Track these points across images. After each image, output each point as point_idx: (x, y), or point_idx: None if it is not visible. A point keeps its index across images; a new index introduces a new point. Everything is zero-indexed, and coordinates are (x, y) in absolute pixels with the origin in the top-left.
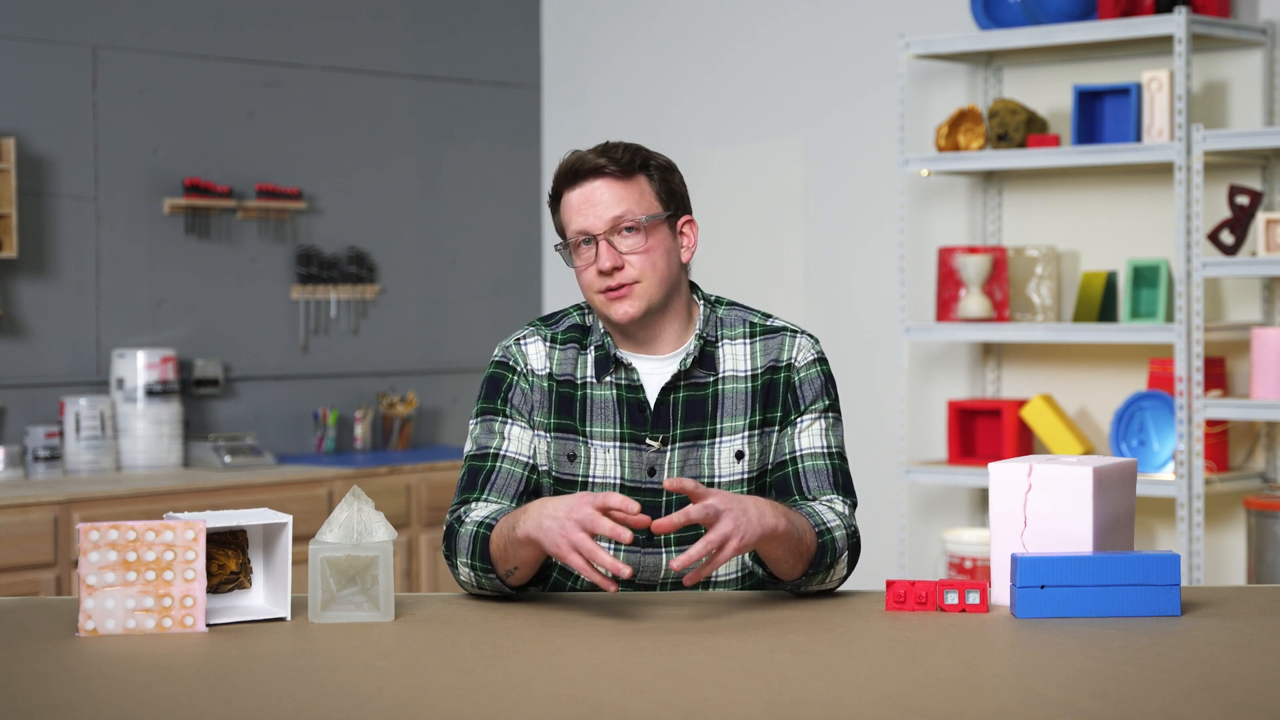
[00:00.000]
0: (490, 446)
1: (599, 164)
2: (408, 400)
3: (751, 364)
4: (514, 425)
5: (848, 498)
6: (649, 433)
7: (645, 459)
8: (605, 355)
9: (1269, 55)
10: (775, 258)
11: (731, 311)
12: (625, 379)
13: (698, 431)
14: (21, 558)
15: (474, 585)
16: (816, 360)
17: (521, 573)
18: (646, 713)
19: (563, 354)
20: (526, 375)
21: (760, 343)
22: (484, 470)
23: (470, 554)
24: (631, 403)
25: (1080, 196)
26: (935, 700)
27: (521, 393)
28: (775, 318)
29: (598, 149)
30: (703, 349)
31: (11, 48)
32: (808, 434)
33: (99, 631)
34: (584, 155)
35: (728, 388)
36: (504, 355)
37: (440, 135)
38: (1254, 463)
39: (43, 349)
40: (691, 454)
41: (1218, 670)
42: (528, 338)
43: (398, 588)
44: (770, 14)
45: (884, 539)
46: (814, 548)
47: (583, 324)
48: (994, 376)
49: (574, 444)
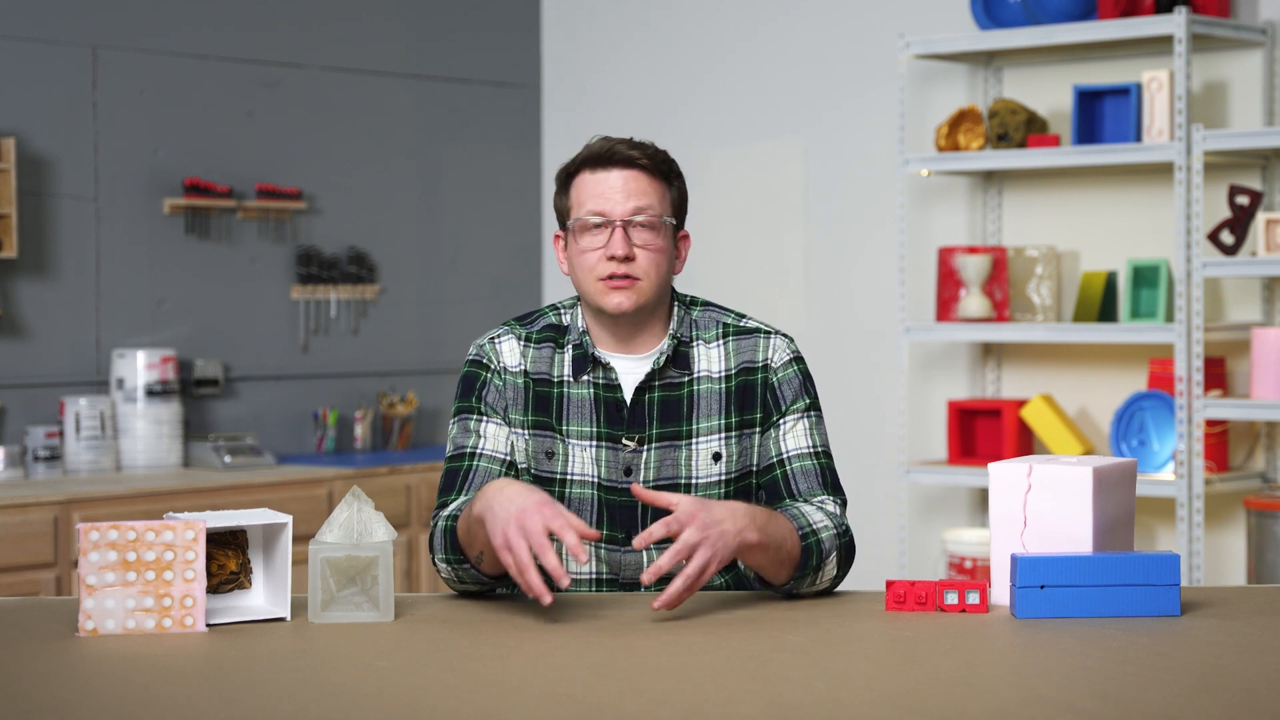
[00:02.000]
0: (467, 446)
1: (632, 155)
2: (408, 400)
3: (725, 364)
4: (489, 423)
5: (837, 496)
6: (625, 432)
7: (621, 459)
8: (583, 354)
9: (1269, 55)
10: (775, 258)
11: (706, 313)
12: (603, 378)
13: (674, 432)
14: (21, 558)
15: (455, 580)
16: (793, 360)
17: (489, 555)
18: (646, 712)
19: (538, 352)
20: (500, 373)
21: (733, 343)
22: (462, 470)
23: (444, 548)
24: (609, 402)
25: (1080, 196)
26: (935, 700)
27: (495, 390)
28: (749, 318)
29: (628, 141)
30: (676, 349)
31: (11, 48)
32: (793, 435)
33: (99, 631)
34: (615, 144)
35: (702, 388)
36: (477, 353)
37: (440, 135)
38: (1254, 463)
39: (43, 349)
40: (668, 455)
41: (1218, 670)
42: (501, 336)
43: (398, 588)
44: (770, 14)
45: (884, 539)
46: (797, 553)
47: (558, 323)
48: (994, 376)
49: (551, 441)
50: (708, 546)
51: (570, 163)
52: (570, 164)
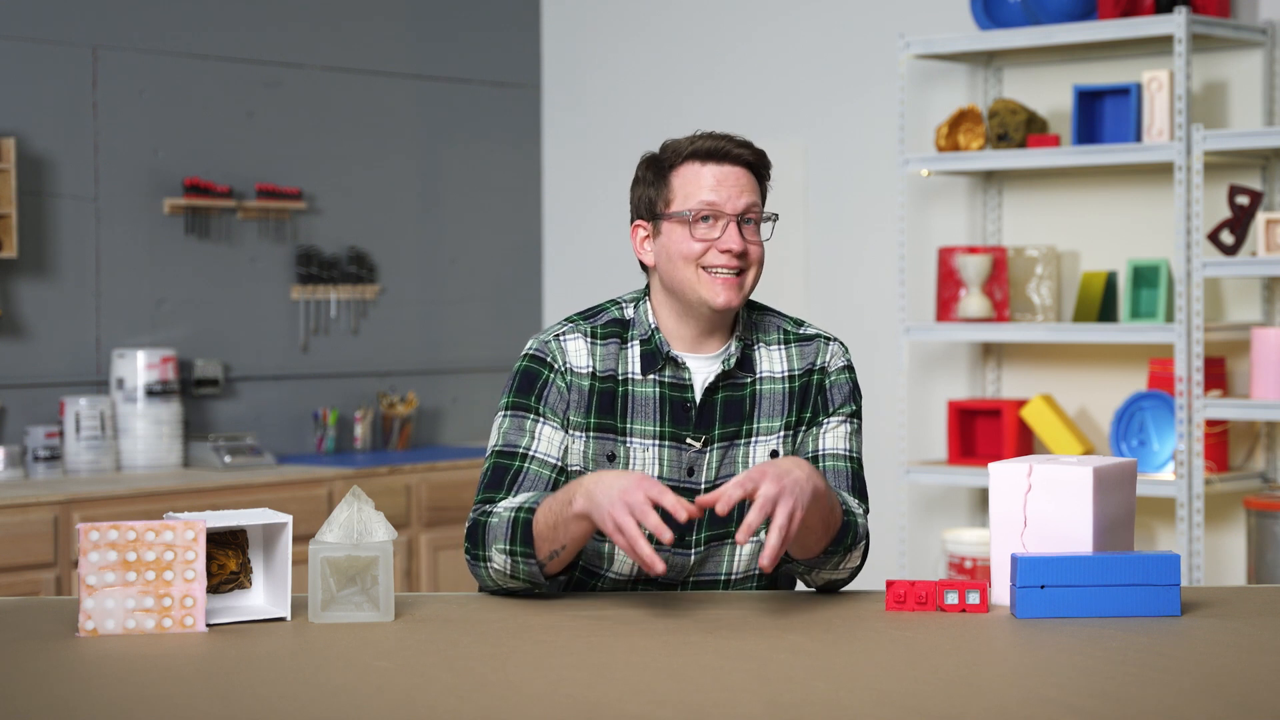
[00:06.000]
0: (520, 445)
1: (742, 154)
2: (408, 400)
3: (788, 366)
4: (546, 425)
5: (862, 502)
6: (691, 432)
7: (685, 459)
8: (653, 350)
9: (1269, 55)
10: (775, 258)
11: (765, 317)
12: (672, 376)
13: (735, 431)
14: (21, 558)
15: (507, 574)
16: (846, 367)
17: (566, 555)
18: (646, 713)
19: (604, 349)
20: (565, 373)
21: (796, 348)
22: (511, 470)
23: (510, 539)
24: (676, 401)
25: (1080, 196)
26: (935, 700)
27: (558, 391)
28: (807, 324)
29: (735, 139)
30: (743, 351)
31: (11, 48)
32: (832, 435)
33: (99, 631)
34: (722, 141)
35: (765, 388)
36: (541, 350)
37: (440, 135)
38: (1254, 463)
39: (43, 349)
40: (729, 454)
41: (1218, 670)
42: (567, 334)
43: (398, 588)
44: (770, 14)
45: (884, 539)
46: (840, 521)
47: (621, 318)
48: (994, 376)
49: (613, 444)
50: (788, 495)
51: (668, 153)
52: (668, 154)
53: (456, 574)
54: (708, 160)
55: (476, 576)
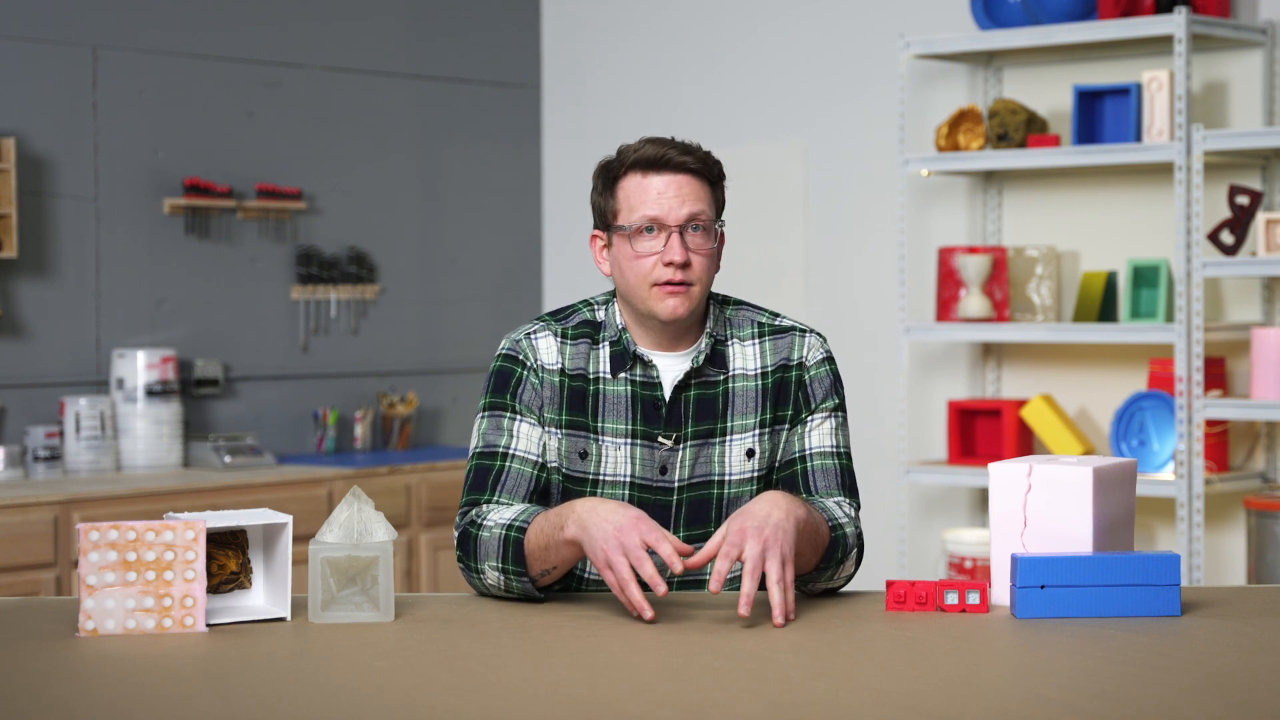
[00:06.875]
0: (499, 445)
1: (684, 161)
2: (408, 400)
3: (761, 362)
4: (523, 422)
5: (853, 499)
6: (662, 430)
7: (657, 457)
8: (622, 351)
9: (1269, 55)
10: (775, 258)
11: (740, 311)
12: (642, 375)
13: (709, 430)
14: (21, 558)
15: (501, 590)
16: (826, 359)
17: (557, 573)
18: (646, 713)
19: (574, 349)
20: (537, 370)
21: (770, 342)
22: (493, 470)
23: (501, 557)
24: (646, 400)
25: (1080, 196)
26: (935, 700)
27: (532, 388)
28: (783, 317)
29: (677, 145)
30: (714, 347)
31: (11, 48)
32: (817, 433)
33: (99, 631)
34: (666, 148)
35: (738, 385)
36: (514, 349)
37: (440, 135)
38: (1254, 463)
39: (43, 349)
40: (703, 452)
41: (1218, 670)
42: (538, 332)
43: (398, 588)
44: (770, 14)
45: (884, 539)
46: (828, 540)
47: (593, 319)
48: (994, 376)
49: (585, 441)
50: (774, 546)
51: (614, 162)
52: (615, 163)
53: (456, 574)
54: (649, 170)
55: (471, 584)
